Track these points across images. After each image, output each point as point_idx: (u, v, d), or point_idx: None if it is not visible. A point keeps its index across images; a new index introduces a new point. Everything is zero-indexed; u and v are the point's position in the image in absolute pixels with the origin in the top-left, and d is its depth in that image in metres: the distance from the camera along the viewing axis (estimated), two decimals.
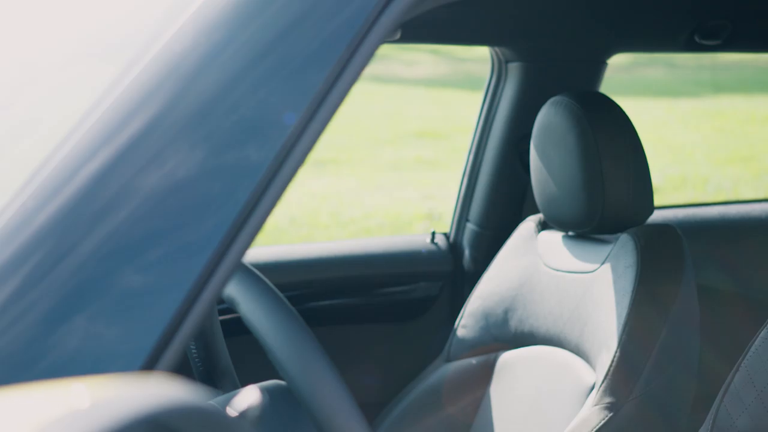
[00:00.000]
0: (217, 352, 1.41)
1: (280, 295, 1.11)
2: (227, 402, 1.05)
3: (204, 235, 0.87)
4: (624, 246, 1.97)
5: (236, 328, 1.44)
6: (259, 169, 0.90)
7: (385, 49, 11.57)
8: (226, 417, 0.66)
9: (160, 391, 0.63)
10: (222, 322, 1.47)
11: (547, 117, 2.09)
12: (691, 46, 2.42)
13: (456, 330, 2.26)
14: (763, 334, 1.57)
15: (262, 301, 1.10)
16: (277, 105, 0.92)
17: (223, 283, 0.88)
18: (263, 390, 1.24)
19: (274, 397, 1.23)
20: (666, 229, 2.00)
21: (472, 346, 2.22)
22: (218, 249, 0.87)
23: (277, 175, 0.91)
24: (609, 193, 1.99)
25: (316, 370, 1.05)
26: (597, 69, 2.50)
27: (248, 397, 0.85)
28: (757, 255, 2.73)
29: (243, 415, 0.83)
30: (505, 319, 2.18)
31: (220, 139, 0.90)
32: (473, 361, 2.21)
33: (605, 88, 2.54)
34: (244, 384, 1.32)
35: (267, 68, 0.93)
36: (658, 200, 2.09)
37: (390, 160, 8.11)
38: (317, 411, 1.05)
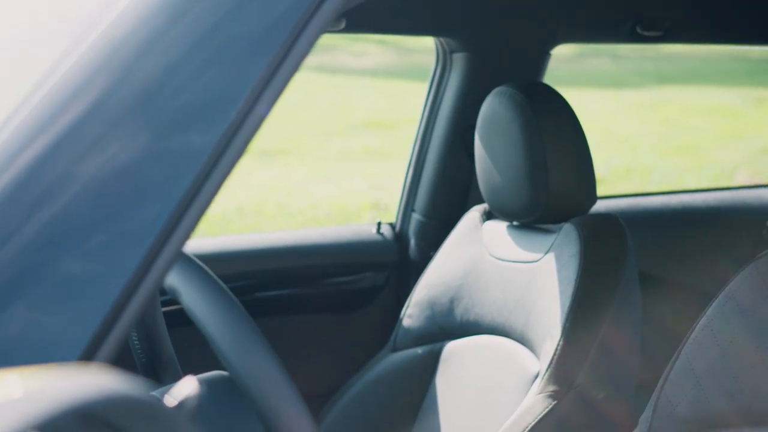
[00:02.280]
0: (159, 343, 1.40)
1: (222, 284, 1.10)
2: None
3: (145, 222, 0.86)
4: (567, 236, 1.98)
5: (180, 320, 1.43)
6: (202, 155, 0.89)
7: (333, 40, 11.55)
8: (162, 407, 0.65)
9: (94, 381, 0.62)
10: (165, 313, 1.46)
11: (492, 107, 2.10)
12: (633, 37, 2.45)
13: (402, 320, 2.26)
14: (702, 322, 1.59)
15: (203, 291, 1.10)
16: (220, 90, 0.92)
17: (165, 271, 0.87)
18: (205, 381, 1.23)
19: (216, 387, 1.23)
20: (609, 218, 2.02)
21: (418, 336, 2.23)
22: (159, 236, 0.86)
23: (219, 161, 0.91)
24: (553, 183, 2.01)
25: (257, 360, 1.05)
26: (541, 59, 2.52)
27: (186, 387, 0.84)
28: (699, 244, 2.77)
29: (181, 405, 0.82)
30: (450, 309, 2.19)
31: (162, 124, 0.90)
32: (419, 350, 2.22)
33: (551, 78, 2.55)
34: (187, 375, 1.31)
35: (209, 54, 0.93)
36: (603, 191, 2.11)
37: (338, 150, 8.10)
38: (260, 401, 1.05)
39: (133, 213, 0.87)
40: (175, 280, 1.13)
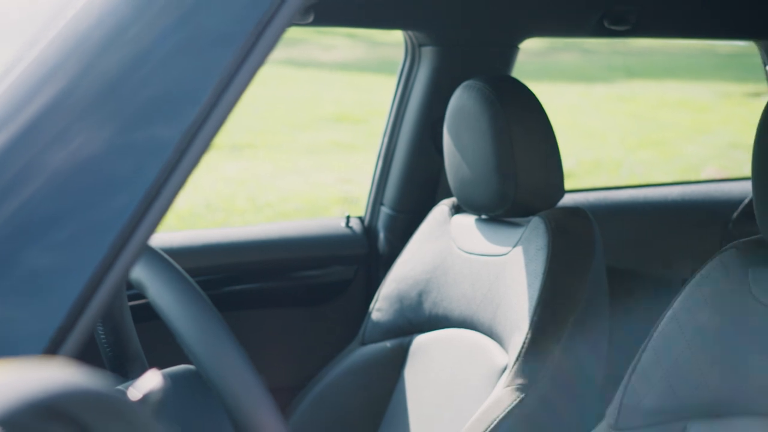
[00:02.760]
0: (126, 337, 1.39)
1: (188, 278, 1.10)
2: None
3: (110, 215, 0.86)
4: (535, 229, 1.99)
5: (147, 314, 1.42)
6: (168, 148, 0.89)
7: (302, 33, 11.52)
8: (125, 401, 0.65)
9: (57, 375, 0.62)
10: (132, 307, 1.46)
11: (460, 101, 2.10)
12: (600, 31, 2.46)
13: (371, 313, 2.26)
14: (669, 314, 1.60)
15: (169, 284, 1.09)
16: (186, 82, 0.91)
17: (130, 264, 0.86)
18: (172, 375, 1.23)
19: (183, 381, 1.22)
20: (577, 212, 2.03)
21: (387, 330, 2.23)
22: (125, 229, 0.86)
23: (185, 153, 0.90)
24: (521, 177, 2.02)
25: (223, 354, 1.05)
26: (509, 53, 2.52)
27: (150, 381, 0.84)
28: (666, 237, 2.79)
29: (145, 398, 0.82)
30: (419, 302, 2.19)
31: (128, 117, 0.89)
32: (388, 344, 2.22)
33: (521, 72, 2.55)
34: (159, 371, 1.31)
35: (175, 45, 0.92)
36: (572, 184, 2.12)
37: (307, 144, 8.08)
38: (226, 395, 1.05)
39: (98, 206, 0.86)
40: (141, 273, 1.13)
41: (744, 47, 2.96)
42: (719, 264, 1.58)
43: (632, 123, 9.04)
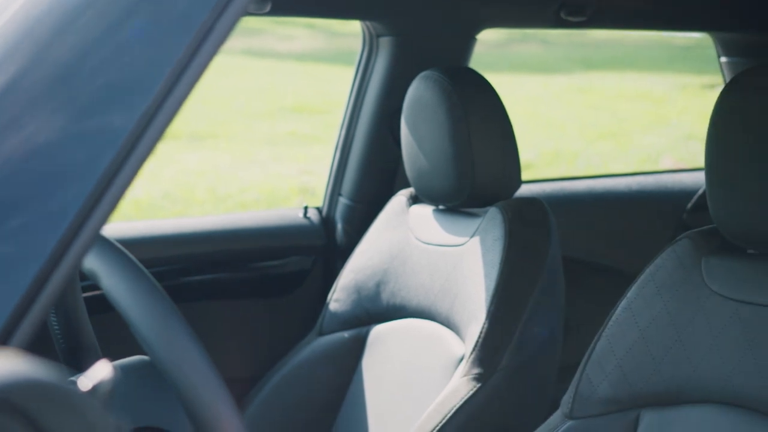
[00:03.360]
0: (80, 329, 1.38)
1: (142, 268, 1.09)
2: None
3: (62, 204, 0.85)
4: (492, 219, 2.00)
5: (103, 306, 1.41)
6: (121, 136, 0.88)
7: (260, 23, 11.48)
8: (73, 391, 0.64)
9: (5, 365, 0.61)
10: (88, 299, 1.45)
11: (418, 91, 2.11)
12: (557, 22, 2.47)
13: (328, 304, 2.26)
14: (623, 304, 1.62)
15: (122, 275, 1.09)
16: (139, 70, 0.91)
17: (83, 253, 0.86)
18: (126, 366, 1.22)
19: (137, 372, 1.22)
20: (533, 202, 2.04)
21: (345, 320, 2.23)
22: (77, 218, 0.85)
23: (139, 142, 0.90)
24: (478, 168, 2.02)
25: (178, 345, 1.04)
26: (467, 44, 2.52)
27: (100, 371, 0.83)
28: (621, 228, 2.81)
29: (95, 389, 0.82)
30: (376, 293, 2.19)
31: (80, 105, 0.88)
32: (345, 334, 2.22)
33: (481, 63, 2.56)
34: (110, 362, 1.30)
35: (128, 33, 0.91)
36: (531, 175, 2.13)
37: (266, 134, 8.06)
38: (181, 386, 1.04)
39: (49, 194, 0.85)
40: (94, 264, 1.12)
41: (700, 39, 2.99)
42: (673, 254, 1.59)
43: (591, 114, 9.09)
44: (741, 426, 1.47)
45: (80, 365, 1.38)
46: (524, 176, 2.17)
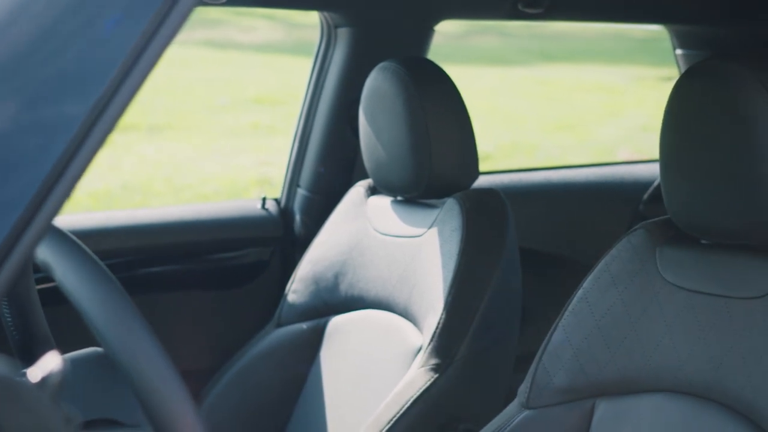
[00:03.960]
0: (33, 321, 1.37)
1: (96, 258, 1.09)
2: None
3: (13, 194, 0.84)
4: (450, 210, 2.00)
5: (56, 297, 1.40)
6: (73, 125, 0.87)
7: (221, 14, 11.41)
8: (21, 383, 0.64)
9: None
10: (41, 290, 1.44)
11: (376, 82, 2.11)
12: (514, 14, 2.47)
13: (286, 295, 2.26)
14: (579, 294, 1.63)
15: (75, 266, 1.08)
16: (92, 59, 0.90)
17: (34, 243, 0.85)
18: (80, 357, 1.21)
19: (91, 364, 1.21)
20: (490, 193, 2.05)
21: (303, 311, 2.23)
22: (29, 208, 0.84)
23: (91, 131, 0.89)
24: (436, 159, 2.03)
25: (132, 336, 1.04)
26: (425, 35, 2.52)
27: (50, 363, 0.83)
28: (579, 218, 2.82)
29: (44, 381, 0.81)
30: (335, 284, 2.19)
31: (32, 94, 0.88)
32: (304, 326, 2.22)
33: (440, 55, 2.56)
34: (64, 354, 1.29)
35: (82, 20, 0.91)
36: (489, 166, 2.14)
37: (226, 125, 8.02)
38: (135, 377, 1.04)
39: (1, 183, 0.85)
40: (47, 255, 1.11)
41: (657, 32, 3.01)
42: (628, 244, 1.61)
43: (549, 106, 9.13)
44: (692, 414, 1.49)
45: (34, 357, 1.37)
46: (483, 168, 2.17)
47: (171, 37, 0.94)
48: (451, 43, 10.61)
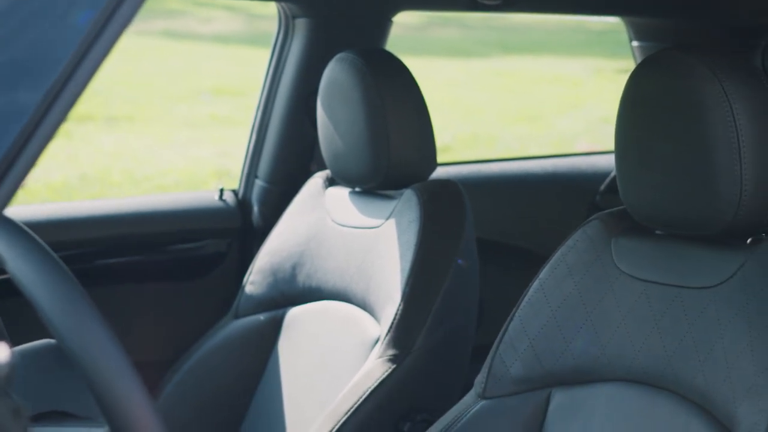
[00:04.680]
0: None
1: (49, 250, 1.08)
2: None
3: None
4: (408, 201, 2.01)
5: (8, 289, 1.39)
6: (25, 113, 0.87)
7: (180, 5, 11.35)
8: None
9: None
10: None
11: (333, 73, 2.10)
12: (473, 5, 2.47)
13: (244, 287, 2.25)
14: (535, 285, 1.63)
15: (28, 257, 1.07)
16: (44, 47, 0.89)
17: None
18: (33, 349, 1.20)
19: (44, 356, 1.20)
20: (448, 184, 2.05)
21: (261, 302, 2.23)
22: None
23: (44, 119, 0.88)
24: (393, 150, 2.03)
25: (85, 327, 1.03)
26: (383, 26, 2.52)
27: None
28: (537, 209, 2.84)
29: None
30: (293, 275, 2.19)
31: None
32: (261, 317, 2.21)
33: (400, 47, 2.56)
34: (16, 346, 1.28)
35: (34, 8, 0.90)
36: (449, 158, 2.14)
37: (185, 117, 7.98)
38: (88, 370, 1.03)
39: None
40: None
41: (615, 24, 3.03)
42: (583, 235, 1.62)
43: (508, 98, 9.16)
44: (646, 402, 1.50)
45: None
46: (442, 159, 2.18)
47: (125, 24, 0.94)
48: (412, 35, 10.61)
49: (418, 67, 2.11)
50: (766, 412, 1.31)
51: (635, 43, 2.93)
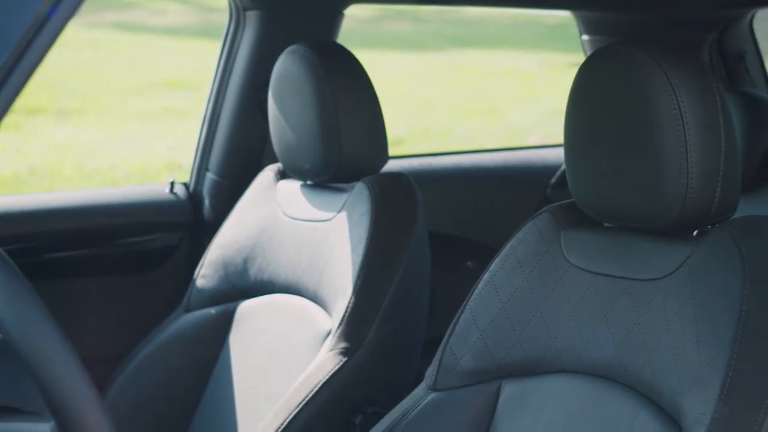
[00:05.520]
0: None
1: None
2: None
3: None
4: (359, 194, 2.01)
5: None
6: None
7: None
8: None
9: None
10: None
11: (284, 66, 2.10)
12: None
13: (195, 280, 2.24)
14: (485, 277, 1.64)
15: None
16: None
17: None
18: None
19: None
20: (399, 177, 2.05)
21: (212, 296, 2.22)
22: None
23: None
24: (345, 142, 2.03)
25: (32, 323, 1.02)
26: (334, 19, 2.52)
27: None
28: (489, 202, 2.85)
29: None
30: (244, 269, 2.18)
31: None
32: (212, 311, 2.21)
33: (353, 40, 2.56)
34: None
35: None
36: (402, 151, 2.15)
37: (138, 110, 7.93)
38: (35, 365, 1.02)
39: None
40: None
41: (568, 18, 3.04)
42: (533, 228, 1.62)
43: (462, 91, 9.19)
44: (595, 394, 1.51)
45: None
46: (396, 152, 2.18)
47: (69, 16, 0.93)
48: (365, 28, 10.61)
49: (371, 60, 2.11)
50: (712, 402, 1.33)
51: (585, 37, 2.95)
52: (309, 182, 2.16)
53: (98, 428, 1.01)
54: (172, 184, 2.56)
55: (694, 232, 1.49)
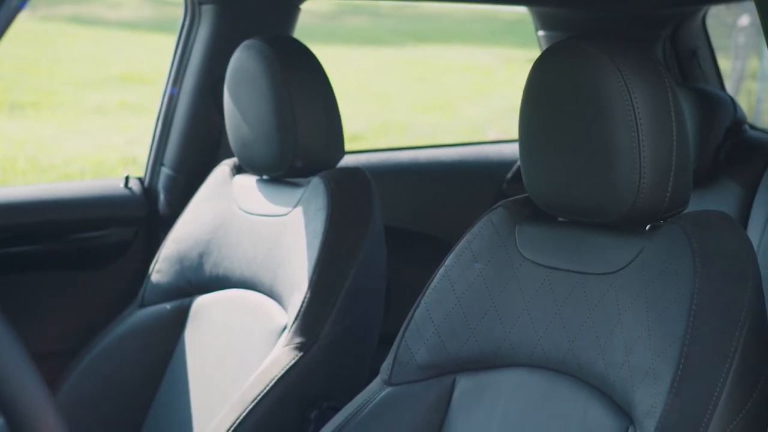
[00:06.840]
0: None
1: None
2: None
3: None
4: (315, 189, 2.00)
5: None
6: None
7: None
8: None
9: None
10: None
11: (240, 60, 2.09)
12: None
13: (150, 275, 2.23)
14: (441, 271, 1.65)
15: None
16: None
17: None
18: None
19: None
20: (355, 172, 2.05)
21: (167, 291, 2.21)
22: None
23: None
24: (301, 137, 2.02)
25: None
26: (290, 13, 2.51)
27: None
28: (445, 197, 2.86)
29: None
30: (200, 264, 2.17)
31: None
32: (168, 306, 2.20)
33: (311, 35, 2.55)
34: None
35: None
36: (360, 146, 2.15)
37: (93, 104, 7.87)
38: None
39: None
40: None
41: (524, 14, 3.06)
42: (488, 222, 1.63)
43: (420, 86, 9.20)
44: (548, 387, 1.52)
45: None
46: (353, 147, 2.18)
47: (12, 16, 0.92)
48: (323, 23, 10.59)
49: (329, 55, 2.11)
50: (663, 395, 1.34)
51: (541, 33, 2.97)
52: (265, 177, 2.15)
53: (49, 425, 1.00)
54: (127, 178, 2.55)
55: (647, 227, 1.50)
